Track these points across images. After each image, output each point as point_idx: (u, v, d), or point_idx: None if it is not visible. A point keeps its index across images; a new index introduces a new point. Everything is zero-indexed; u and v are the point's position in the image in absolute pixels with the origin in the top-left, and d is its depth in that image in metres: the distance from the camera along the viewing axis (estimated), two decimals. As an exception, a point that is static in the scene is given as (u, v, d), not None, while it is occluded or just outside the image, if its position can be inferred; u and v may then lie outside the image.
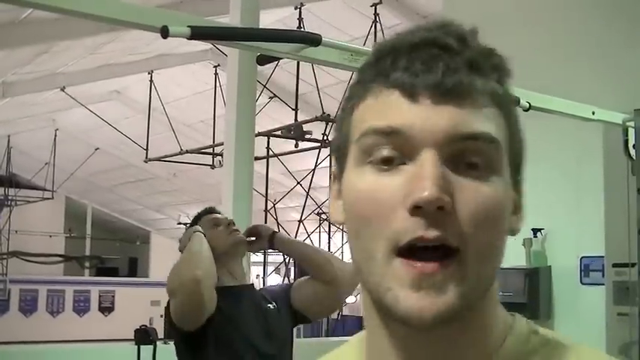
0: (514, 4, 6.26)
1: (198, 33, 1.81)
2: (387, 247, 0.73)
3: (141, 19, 1.90)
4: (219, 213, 3.42)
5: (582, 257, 5.33)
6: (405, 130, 0.74)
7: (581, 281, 5.25)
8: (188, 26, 1.79)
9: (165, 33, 1.76)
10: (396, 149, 0.74)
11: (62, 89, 13.70)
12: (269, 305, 3.20)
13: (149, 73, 13.47)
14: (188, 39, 1.79)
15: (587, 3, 5.77)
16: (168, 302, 3.04)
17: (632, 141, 3.10)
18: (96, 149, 17.62)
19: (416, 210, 0.71)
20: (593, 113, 3.01)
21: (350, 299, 12.62)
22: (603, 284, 4.84)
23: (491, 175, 0.75)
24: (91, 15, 1.90)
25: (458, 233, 0.72)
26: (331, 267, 3.18)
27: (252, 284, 3.38)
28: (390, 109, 0.75)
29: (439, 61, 0.74)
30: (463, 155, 0.74)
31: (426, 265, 0.71)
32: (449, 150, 0.73)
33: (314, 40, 2.00)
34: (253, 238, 3.31)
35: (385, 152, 0.74)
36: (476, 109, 0.74)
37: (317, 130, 10.55)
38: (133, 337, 6.17)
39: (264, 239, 3.29)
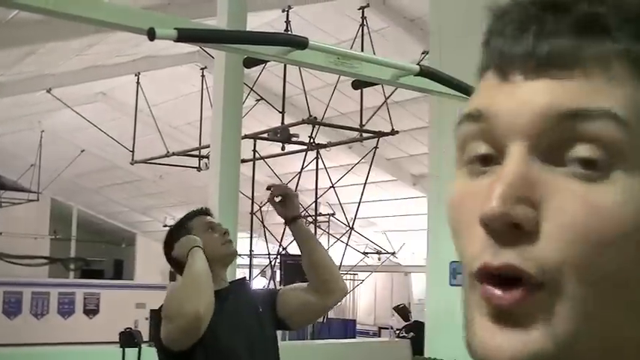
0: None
1: (184, 35, 1.81)
2: (467, 271, 0.56)
3: (128, 22, 1.90)
4: (212, 215, 3.37)
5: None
6: (490, 116, 0.55)
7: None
8: (175, 29, 1.79)
9: (152, 35, 1.76)
10: (489, 143, 0.56)
11: (48, 91, 13.67)
12: (259, 308, 3.18)
13: (136, 75, 13.45)
14: (175, 41, 1.78)
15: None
16: (158, 310, 3.00)
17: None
18: (82, 151, 17.59)
19: (487, 228, 0.53)
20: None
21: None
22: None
23: (614, 172, 0.51)
24: (78, 17, 1.89)
25: (539, 261, 0.51)
26: (337, 285, 3.13)
27: (243, 278, 3.31)
28: (482, 89, 0.58)
29: (533, 23, 0.55)
30: (570, 145, 0.52)
31: (505, 294, 0.52)
32: (547, 139, 0.53)
33: (301, 43, 2.00)
34: (279, 198, 3.11)
35: (476, 147, 0.57)
36: (590, 80, 0.53)
37: (303, 133, 10.55)
38: (117, 340, 6.16)
39: (291, 211, 3.11)
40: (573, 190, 0.51)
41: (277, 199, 3.08)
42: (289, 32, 10.25)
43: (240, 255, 9.94)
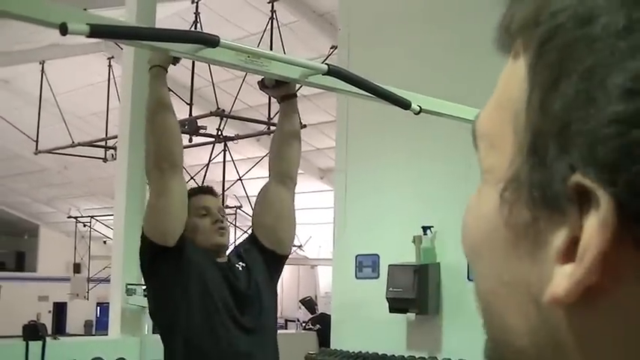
0: (410, 5, 6.39)
1: (97, 31, 1.82)
2: None
3: (38, 15, 1.89)
4: (216, 195, 3.32)
5: (469, 254, 5.50)
6: None
7: (468, 277, 5.41)
8: (87, 24, 1.80)
9: (64, 30, 1.77)
10: None
11: (-52, 77, 13.29)
12: (237, 265, 3.18)
13: (40, 63, 13.18)
14: (87, 37, 1.79)
15: (480, 9, 5.94)
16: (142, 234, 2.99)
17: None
18: (-18, 140, 17.14)
19: None
20: (481, 117, 3.13)
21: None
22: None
23: (482, 177, 0.48)
24: (-15, 8, 1.88)
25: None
26: (296, 170, 3.23)
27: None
28: None
29: None
30: None
31: None
32: None
33: (212, 42, 2.03)
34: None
35: None
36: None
37: (211, 125, 10.52)
38: (20, 334, 6.06)
39: (285, 91, 3.11)
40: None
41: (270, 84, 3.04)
42: (198, 22, 10.22)
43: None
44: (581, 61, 0.39)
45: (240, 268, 3.15)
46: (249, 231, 3.48)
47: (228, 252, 3.23)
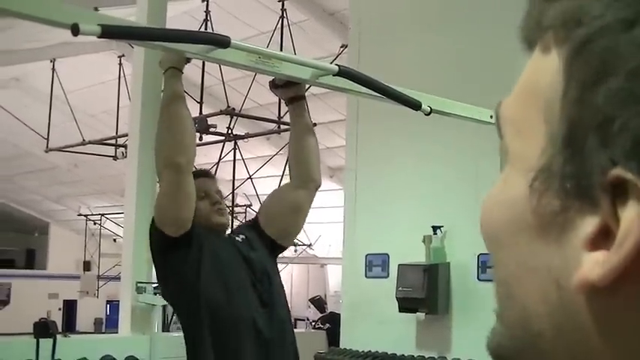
0: (421, 4, 6.39)
1: (108, 32, 1.82)
2: None
3: (50, 16, 1.90)
4: (214, 179, 3.34)
5: (480, 254, 5.48)
6: None
7: (478, 277, 5.41)
8: (99, 25, 1.81)
9: (75, 31, 1.77)
10: None
11: (-42, 75, 13.34)
12: (237, 238, 3.21)
13: (51, 61, 13.21)
14: (98, 37, 1.80)
15: (491, 10, 5.93)
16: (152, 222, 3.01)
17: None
18: (-7, 137, 17.20)
19: None
20: (491, 117, 3.13)
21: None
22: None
23: (505, 168, 0.50)
24: (-1, 9, 1.89)
25: None
26: (318, 169, 3.21)
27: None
28: None
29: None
30: None
31: None
32: None
33: (223, 42, 2.04)
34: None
35: None
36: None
37: (221, 123, 10.53)
38: (30, 331, 6.08)
39: (294, 92, 3.09)
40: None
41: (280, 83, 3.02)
42: (208, 21, 10.24)
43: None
44: (627, 62, 0.41)
45: (241, 240, 3.20)
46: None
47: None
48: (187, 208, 2.89)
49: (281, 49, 9.60)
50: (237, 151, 11.73)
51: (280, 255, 3.34)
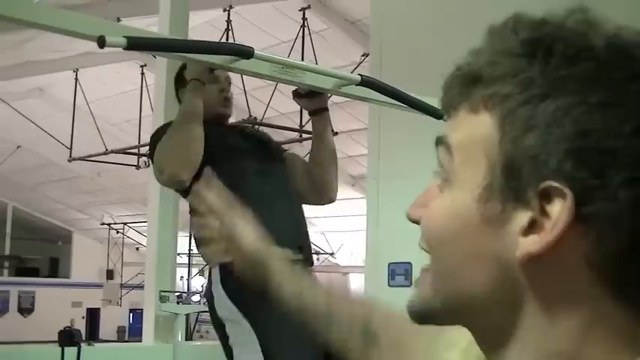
0: (443, 12, 6.39)
1: (134, 44, 1.84)
2: None
3: (77, 28, 1.92)
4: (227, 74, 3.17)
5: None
6: None
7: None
8: (124, 37, 1.83)
9: (102, 43, 1.80)
10: None
11: (-17, 86, 13.48)
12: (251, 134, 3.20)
13: (74, 71, 13.31)
14: (124, 49, 1.82)
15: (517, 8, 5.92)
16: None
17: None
18: (17, 147, 17.32)
19: None
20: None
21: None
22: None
23: (446, 187, 0.72)
24: (26, 22, 1.91)
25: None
26: (335, 186, 3.13)
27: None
28: None
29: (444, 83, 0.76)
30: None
31: None
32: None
33: (246, 53, 2.05)
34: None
35: None
36: (456, 118, 0.72)
37: (244, 132, 10.57)
38: (54, 339, 6.13)
39: (318, 103, 2.98)
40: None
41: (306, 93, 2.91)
42: (230, 30, 10.28)
43: (179, 254, 9.94)
44: (541, 121, 0.64)
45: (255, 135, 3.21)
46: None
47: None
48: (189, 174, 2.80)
49: (302, 58, 9.63)
50: (259, 159, 11.74)
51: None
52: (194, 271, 15.73)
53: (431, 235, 0.73)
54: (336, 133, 10.32)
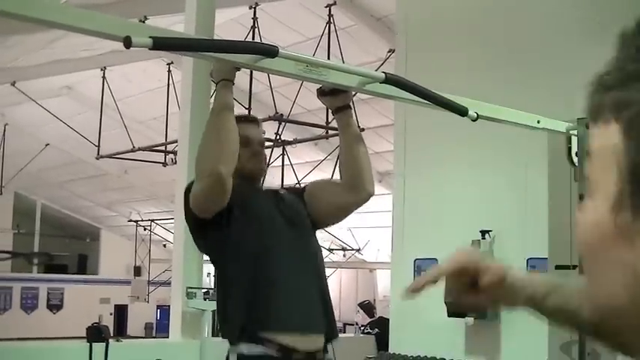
0: (467, 9, 6.37)
1: (159, 44, 1.86)
2: None
3: (103, 29, 1.95)
4: (258, 124, 3.27)
5: (529, 258, 5.46)
6: None
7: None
8: (150, 37, 1.85)
9: (128, 43, 1.82)
10: None
11: (12, 84, 13.58)
12: (279, 191, 3.27)
13: (102, 70, 13.40)
14: (150, 49, 1.84)
15: (534, 16, 5.90)
16: (188, 187, 3.00)
17: (575, 149, 3.20)
18: (46, 145, 17.45)
19: None
20: (539, 122, 3.11)
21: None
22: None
23: (591, 195, 0.73)
24: (53, 23, 1.93)
25: None
26: (364, 184, 3.16)
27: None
28: None
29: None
30: None
31: None
32: None
33: (271, 52, 2.06)
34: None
35: None
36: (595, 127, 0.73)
37: (270, 129, 10.60)
38: (82, 335, 6.18)
39: (342, 101, 3.03)
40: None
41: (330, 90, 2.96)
42: (256, 28, 10.30)
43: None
44: None
45: (282, 193, 3.25)
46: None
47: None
48: (222, 203, 2.89)
49: (328, 55, 9.64)
50: (285, 156, 11.79)
51: (327, 259, 3.34)
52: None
53: (579, 243, 0.72)
54: (362, 130, 10.31)
